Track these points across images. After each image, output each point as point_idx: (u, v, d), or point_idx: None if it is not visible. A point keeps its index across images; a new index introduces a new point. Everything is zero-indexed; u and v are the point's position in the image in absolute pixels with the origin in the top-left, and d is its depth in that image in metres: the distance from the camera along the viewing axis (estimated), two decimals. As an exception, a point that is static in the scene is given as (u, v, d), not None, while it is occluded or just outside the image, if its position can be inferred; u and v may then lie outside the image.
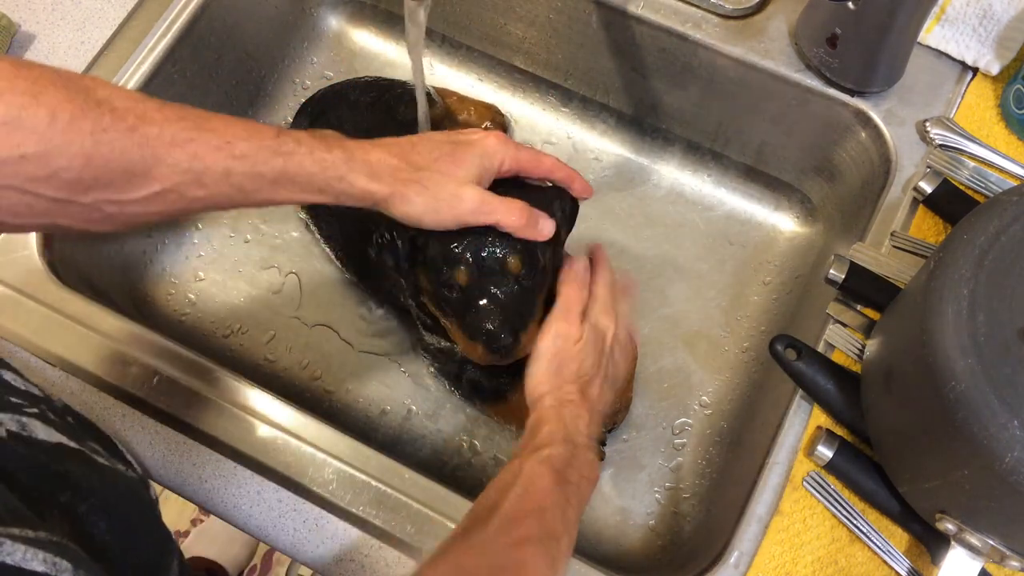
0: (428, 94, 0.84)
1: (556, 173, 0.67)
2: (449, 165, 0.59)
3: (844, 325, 0.70)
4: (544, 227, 0.63)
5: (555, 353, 0.64)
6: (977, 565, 0.59)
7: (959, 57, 0.79)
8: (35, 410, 0.53)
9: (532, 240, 0.63)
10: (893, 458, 0.61)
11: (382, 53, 1.01)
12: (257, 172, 0.53)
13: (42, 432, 0.51)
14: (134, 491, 0.57)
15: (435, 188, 0.59)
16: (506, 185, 0.64)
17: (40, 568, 0.38)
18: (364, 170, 0.57)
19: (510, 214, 0.61)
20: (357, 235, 0.82)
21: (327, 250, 0.88)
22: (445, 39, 0.99)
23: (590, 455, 0.62)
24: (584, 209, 0.71)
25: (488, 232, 0.62)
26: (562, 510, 0.56)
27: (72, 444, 0.53)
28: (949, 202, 0.73)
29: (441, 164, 0.59)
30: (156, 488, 0.67)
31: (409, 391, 0.85)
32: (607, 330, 0.67)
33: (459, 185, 0.59)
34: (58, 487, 0.48)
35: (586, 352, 0.65)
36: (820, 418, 0.68)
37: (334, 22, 1.01)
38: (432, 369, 0.84)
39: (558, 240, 0.68)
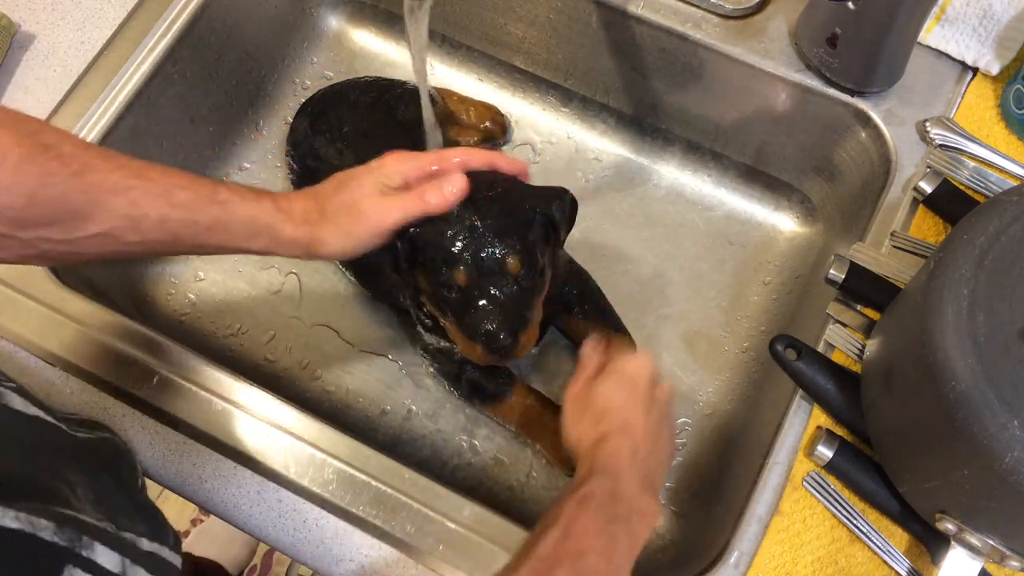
0: (429, 94, 0.84)
1: (472, 162, 0.65)
2: (349, 193, 0.61)
3: (844, 325, 0.70)
4: (444, 191, 0.61)
5: (576, 397, 0.64)
6: (977, 565, 0.59)
7: (959, 57, 0.79)
8: (12, 384, 0.53)
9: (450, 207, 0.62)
10: (893, 458, 0.61)
11: (382, 53, 1.01)
12: (193, 219, 0.56)
13: (18, 404, 0.51)
14: (115, 461, 0.56)
15: (339, 219, 0.60)
16: (500, 189, 0.64)
17: (12, 524, 0.38)
18: (288, 219, 0.59)
19: (414, 205, 0.61)
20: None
21: (327, 250, 0.88)
22: (445, 39, 0.99)
23: (636, 488, 0.57)
24: (584, 209, 0.71)
25: (487, 233, 0.62)
26: (606, 553, 0.52)
27: (48, 418, 0.52)
28: (949, 202, 0.73)
29: (341, 196, 0.61)
30: (156, 488, 0.67)
31: (409, 391, 0.85)
32: (637, 371, 0.64)
33: (361, 208, 0.60)
34: (38, 455, 0.48)
35: (612, 390, 0.63)
36: (820, 418, 0.67)
37: (334, 22, 1.01)
38: (432, 369, 0.84)
39: (557, 240, 0.68)
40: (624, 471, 0.57)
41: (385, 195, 0.61)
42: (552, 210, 0.66)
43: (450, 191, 0.61)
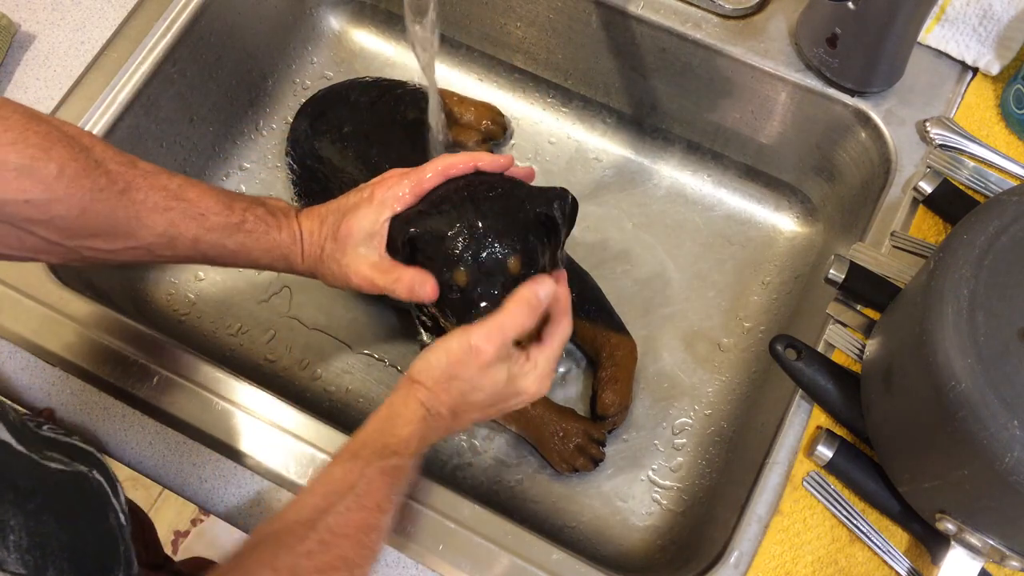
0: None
1: (455, 169, 0.64)
2: (345, 234, 0.62)
3: (844, 325, 0.70)
4: (422, 292, 0.62)
5: (457, 362, 0.57)
6: (977, 565, 0.59)
7: (959, 57, 0.79)
8: None
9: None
10: (893, 458, 0.61)
11: (382, 53, 1.01)
12: (222, 243, 0.61)
13: None
14: (76, 502, 0.55)
15: (338, 261, 0.63)
16: (501, 189, 0.64)
17: None
18: (299, 252, 0.64)
19: (397, 290, 0.62)
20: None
21: (327, 250, 0.88)
22: (445, 39, 0.99)
23: (420, 444, 0.58)
24: (584, 209, 0.71)
25: (487, 233, 0.62)
26: (381, 531, 0.54)
27: (18, 447, 0.52)
28: (949, 202, 0.73)
29: (338, 235, 0.63)
30: (156, 488, 0.67)
31: (409, 391, 0.85)
32: (523, 390, 0.59)
33: (354, 258, 0.62)
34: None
35: (486, 388, 0.58)
36: (820, 418, 0.68)
37: (334, 22, 1.01)
38: (432, 369, 0.83)
39: (558, 241, 0.68)
40: (412, 434, 0.57)
41: (383, 247, 0.63)
42: (553, 210, 0.66)
43: (421, 296, 0.62)
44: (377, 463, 0.55)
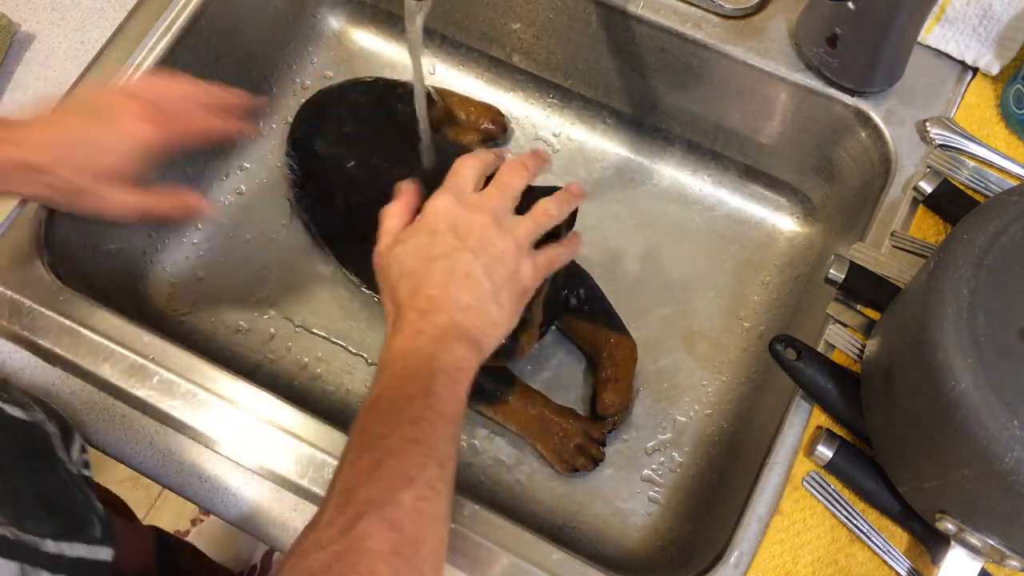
0: (428, 94, 0.84)
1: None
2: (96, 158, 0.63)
3: (844, 325, 0.70)
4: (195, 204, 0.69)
5: (378, 267, 0.60)
6: (977, 565, 0.59)
7: (959, 57, 0.79)
8: None
9: None
10: (893, 458, 0.61)
11: (382, 53, 1.01)
12: None
13: None
14: (37, 450, 0.54)
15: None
16: None
17: None
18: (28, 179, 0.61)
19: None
20: (357, 236, 0.82)
21: (327, 250, 0.88)
22: (445, 39, 0.99)
23: (433, 349, 0.53)
24: (584, 209, 0.71)
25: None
26: (410, 444, 0.49)
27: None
28: (949, 202, 0.73)
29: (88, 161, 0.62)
30: (156, 488, 0.67)
31: (409, 391, 0.85)
32: (433, 214, 0.59)
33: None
34: None
35: (402, 251, 0.59)
36: (820, 418, 0.68)
37: (334, 22, 1.01)
38: (432, 369, 0.83)
39: (557, 240, 0.68)
40: (413, 345, 0.53)
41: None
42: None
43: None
44: (366, 401, 0.53)
